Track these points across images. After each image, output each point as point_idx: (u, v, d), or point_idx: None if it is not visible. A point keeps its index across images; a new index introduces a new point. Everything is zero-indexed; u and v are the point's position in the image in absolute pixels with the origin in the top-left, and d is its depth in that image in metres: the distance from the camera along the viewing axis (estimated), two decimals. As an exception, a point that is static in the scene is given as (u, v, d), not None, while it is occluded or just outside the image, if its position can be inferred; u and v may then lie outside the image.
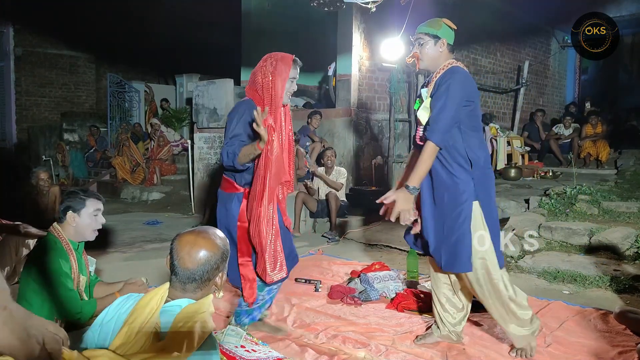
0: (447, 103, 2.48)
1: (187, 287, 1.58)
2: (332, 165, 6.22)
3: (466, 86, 2.57)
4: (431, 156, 2.51)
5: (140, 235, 6.22)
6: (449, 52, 2.67)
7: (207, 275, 1.59)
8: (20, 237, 4.02)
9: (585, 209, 5.49)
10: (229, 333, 2.48)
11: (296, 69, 2.70)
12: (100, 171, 10.92)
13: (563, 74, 13.17)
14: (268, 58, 2.69)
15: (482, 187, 2.59)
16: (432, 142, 2.48)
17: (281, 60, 2.65)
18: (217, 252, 1.60)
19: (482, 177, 2.60)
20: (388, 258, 4.99)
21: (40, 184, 5.70)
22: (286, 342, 2.98)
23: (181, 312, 1.49)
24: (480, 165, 2.59)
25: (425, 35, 2.66)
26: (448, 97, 2.49)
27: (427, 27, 2.66)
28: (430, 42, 2.64)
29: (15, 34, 12.59)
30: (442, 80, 2.56)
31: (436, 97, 2.53)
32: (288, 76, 2.65)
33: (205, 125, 7.82)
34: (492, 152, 8.75)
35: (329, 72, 8.48)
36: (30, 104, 13.05)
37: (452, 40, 2.68)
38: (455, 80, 2.52)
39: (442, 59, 2.66)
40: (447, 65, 2.63)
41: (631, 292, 3.87)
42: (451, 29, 2.67)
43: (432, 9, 8.12)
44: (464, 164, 2.56)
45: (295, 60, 2.69)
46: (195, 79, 11.56)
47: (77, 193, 2.59)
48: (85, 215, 2.55)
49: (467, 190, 2.55)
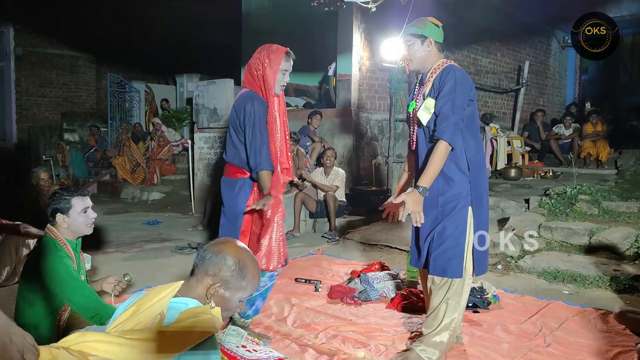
0: (456, 102, 2.45)
1: (194, 269, 1.61)
2: (331, 165, 6.22)
3: (467, 85, 2.55)
4: (443, 156, 2.45)
5: (140, 235, 6.22)
6: (438, 51, 2.64)
7: (207, 264, 1.59)
8: (20, 237, 4.03)
9: (586, 209, 5.49)
10: (230, 333, 2.49)
11: (289, 62, 2.78)
12: (101, 171, 10.93)
13: (563, 74, 13.17)
14: (262, 50, 2.81)
15: (476, 192, 2.57)
16: (445, 142, 2.42)
17: (274, 52, 2.76)
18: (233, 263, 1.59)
19: (476, 181, 2.57)
20: (388, 258, 4.99)
21: (41, 184, 5.70)
22: (286, 342, 2.98)
23: (187, 309, 1.50)
24: (476, 169, 2.58)
25: (412, 36, 2.64)
26: (456, 96, 2.45)
27: (412, 27, 2.64)
28: (417, 43, 2.62)
29: (16, 34, 12.60)
30: (444, 78, 2.51)
31: (443, 96, 2.48)
32: (279, 68, 2.74)
33: (205, 125, 7.82)
34: (493, 152, 8.76)
35: (329, 72, 8.48)
36: (31, 104, 13.06)
37: (441, 38, 2.65)
38: (459, 78, 2.49)
39: (431, 58, 2.63)
40: (441, 65, 2.60)
41: (631, 292, 3.87)
42: (437, 26, 2.64)
43: (432, 9, 8.12)
44: (462, 166, 2.53)
45: (288, 52, 2.77)
46: (195, 79, 11.57)
47: (61, 194, 2.52)
48: (74, 214, 2.50)
49: (462, 195, 2.53)
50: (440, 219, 2.56)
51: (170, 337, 1.41)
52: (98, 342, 1.41)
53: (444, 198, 2.55)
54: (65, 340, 1.43)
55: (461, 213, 2.52)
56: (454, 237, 2.52)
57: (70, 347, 1.39)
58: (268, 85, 2.74)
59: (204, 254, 1.61)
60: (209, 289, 1.58)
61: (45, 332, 2.37)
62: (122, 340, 1.43)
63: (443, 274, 2.56)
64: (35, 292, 2.40)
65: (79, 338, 1.43)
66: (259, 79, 2.76)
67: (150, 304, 1.54)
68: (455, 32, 8.97)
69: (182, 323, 1.45)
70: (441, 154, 2.45)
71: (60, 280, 2.35)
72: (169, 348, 1.40)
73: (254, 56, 2.81)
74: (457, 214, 2.52)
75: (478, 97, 9.95)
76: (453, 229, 2.53)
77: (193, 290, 1.59)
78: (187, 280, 1.63)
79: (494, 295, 3.67)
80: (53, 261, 2.39)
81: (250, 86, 2.82)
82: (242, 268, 1.60)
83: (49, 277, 2.37)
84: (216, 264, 1.59)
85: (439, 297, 2.60)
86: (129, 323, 1.51)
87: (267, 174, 2.70)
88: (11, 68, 12.66)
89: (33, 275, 2.42)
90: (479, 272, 2.65)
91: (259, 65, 2.75)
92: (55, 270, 2.37)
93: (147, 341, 1.41)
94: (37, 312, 2.39)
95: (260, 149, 2.69)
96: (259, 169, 2.69)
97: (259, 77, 2.75)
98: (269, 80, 2.74)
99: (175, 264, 4.75)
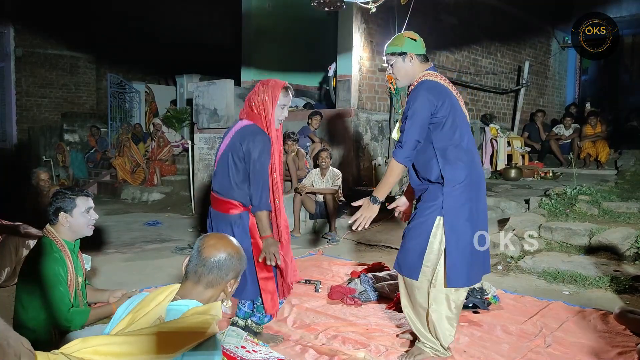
0: (410, 125, 2.57)
1: (201, 278, 1.60)
2: (326, 166, 6.21)
3: (432, 99, 2.57)
4: (394, 173, 2.64)
5: (140, 236, 6.22)
6: (420, 62, 2.70)
7: (221, 273, 1.60)
8: (20, 237, 4.03)
9: (586, 209, 5.49)
10: (229, 334, 2.49)
11: (287, 96, 2.80)
12: (101, 172, 10.93)
13: (563, 74, 13.16)
14: (261, 85, 2.81)
15: (451, 205, 2.56)
16: (394, 161, 2.61)
17: (273, 87, 2.76)
18: (238, 257, 1.65)
19: (455, 194, 2.56)
20: (388, 258, 4.98)
21: (41, 184, 5.70)
22: (286, 343, 2.98)
23: (188, 310, 1.50)
24: (457, 183, 2.57)
25: (392, 56, 2.72)
26: (412, 119, 2.57)
27: (390, 47, 2.73)
28: (399, 60, 2.70)
29: (16, 35, 12.59)
30: (410, 99, 2.64)
31: (403, 118, 2.65)
32: (277, 103, 2.76)
33: (205, 125, 7.82)
34: (493, 152, 8.76)
35: (329, 72, 8.47)
36: (31, 105, 13.05)
37: (421, 50, 2.71)
38: (418, 99, 2.58)
39: (416, 71, 2.70)
40: (419, 79, 2.67)
41: (631, 292, 3.87)
42: (415, 40, 2.70)
43: (433, 9, 8.13)
44: (435, 180, 2.62)
45: (286, 87, 2.79)
46: (195, 79, 11.55)
47: (65, 193, 2.52)
48: (78, 214, 2.49)
49: (433, 205, 2.61)
50: (411, 221, 2.73)
51: (172, 335, 1.41)
52: (99, 346, 1.41)
53: (420, 204, 2.72)
54: (67, 346, 1.42)
55: (429, 220, 2.61)
56: (417, 240, 2.64)
57: (72, 354, 1.39)
58: (268, 120, 2.76)
59: (208, 263, 1.60)
60: (225, 290, 1.64)
61: (43, 335, 2.35)
62: (122, 339, 1.42)
63: (399, 269, 2.74)
64: (32, 295, 2.37)
65: (80, 344, 1.42)
66: (260, 112, 2.77)
67: (147, 310, 1.53)
68: (455, 32, 9.00)
69: (184, 322, 1.45)
70: (392, 171, 2.64)
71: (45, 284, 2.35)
72: (170, 347, 1.39)
73: (253, 91, 2.82)
74: (424, 220, 2.63)
75: (478, 98, 9.97)
76: (417, 232, 2.65)
77: (198, 295, 1.59)
78: (184, 282, 1.63)
79: (494, 295, 3.66)
80: (45, 263, 2.38)
81: (250, 119, 2.81)
82: (241, 256, 1.68)
83: (42, 279, 2.36)
84: (232, 268, 1.63)
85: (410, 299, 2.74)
86: (127, 331, 1.51)
87: (267, 214, 2.73)
88: (11, 69, 12.65)
89: (29, 277, 2.41)
90: (453, 284, 2.58)
91: (258, 100, 2.76)
92: (46, 273, 2.36)
93: (149, 339, 1.40)
94: (34, 315, 2.37)
95: (264, 189, 2.72)
96: (261, 209, 2.71)
97: (259, 111, 2.77)
98: (268, 115, 2.76)
99: (176, 265, 4.75)
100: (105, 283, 4.03)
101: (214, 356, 1.46)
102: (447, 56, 9.03)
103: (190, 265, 1.63)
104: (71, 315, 2.38)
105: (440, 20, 8.63)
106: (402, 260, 2.72)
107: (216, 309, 1.53)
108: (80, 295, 2.56)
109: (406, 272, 2.69)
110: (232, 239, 1.70)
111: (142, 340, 1.40)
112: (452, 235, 2.56)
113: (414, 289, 2.69)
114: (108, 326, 1.63)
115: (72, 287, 2.48)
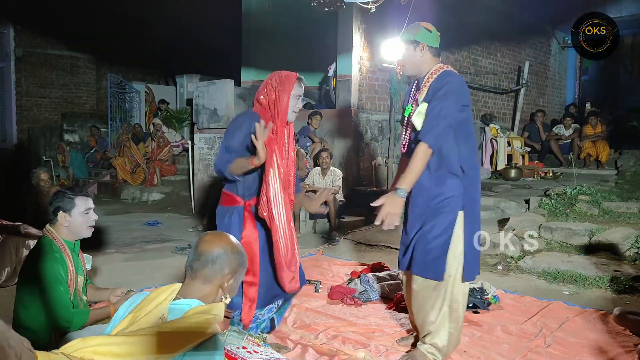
0: (445, 107, 2.46)
1: (197, 273, 1.60)
2: (327, 166, 6.21)
3: (462, 91, 2.56)
4: (423, 159, 2.46)
5: (140, 236, 6.22)
6: (432, 55, 2.65)
7: (216, 267, 1.61)
8: (20, 237, 4.03)
9: (586, 209, 5.49)
10: (230, 334, 2.49)
11: (300, 87, 2.69)
12: (101, 172, 10.92)
13: (563, 74, 13.17)
14: (273, 75, 2.70)
15: (468, 198, 2.56)
16: (425, 144, 2.44)
17: (286, 77, 2.65)
18: (233, 253, 1.66)
19: (470, 187, 2.57)
20: (388, 258, 4.98)
21: (41, 184, 5.70)
22: (286, 343, 2.98)
23: (190, 310, 1.50)
24: (470, 175, 2.57)
25: (405, 42, 2.68)
26: (447, 101, 2.47)
27: (405, 33, 2.68)
28: (410, 48, 2.65)
29: (16, 35, 12.59)
30: (439, 84, 2.53)
31: (435, 101, 2.50)
32: (292, 93, 2.64)
33: (205, 125, 7.82)
34: (493, 152, 8.75)
35: (329, 72, 8.47)
36: (31, 105, 13.05)
37: (435, 43, 2.66)
38: (453, 84, 2.51)
39: (426, 63, 2.65)
40: (438, 70, 2.62)
41: (631, 292, 3.87)
42: (430, 31, 2.65)
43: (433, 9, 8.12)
44: (455, 169, 2.53)
45: (299, 78, 2.68)
46: (195, 79, 11.56)
47: (65, 193, 2.51)
48: (77, 214, 2.48)
49: (454, 198, 2.52)
50: (430, 220, 2.56)
51: (172, 335, 1.41)
52: (99, 346, 1.41)
53: (435, 200, 2.55)
54: (66, 346, 1.42)
55: (450, 215, 2.52)
56: (440, 239, 2.52)
57: (71, 354, 1.39)
58: (281, 111, 2.61)
59: (203, 257, 1.61)
60: (222, 286, 1.64)
61: (43, 335, 2.35)
62: (122, 339, 1.42)
63: (424, 274, 2.56)
64: (32, 295, 2.37)
65: (80, 344, 1.42)
66: (271, 104, 2.63)
67: (148, 309, 1.54)
68: (455, 33, 8.98)
69: (185, 322, 1.45)
70: (421, 157, 2.46)
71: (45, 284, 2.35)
72: (171, 346, 1.39)
73: (264, 83, 2.69)
74: (446, 216, 2.52)
75: (478, 98, 9.97)
76: (440, 231, 2.52)
77: (197, 292, 1.60)
78: (184, 281, 1.64)
79: (494, 295, 3.66)
80: (45, 263, 2.38)
81: (256, 110, 2.70)
82: (240, 252, 1.69)
83: (42, 279, 2.36)
84: (226, 262, 1.63)
85: (424, 300, 2.60)
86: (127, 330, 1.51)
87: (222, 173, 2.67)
88: (11, 69, 12.66)
89: (29, 278, 2.41)
90: (468, 278, 2.60)
91: (271, 90, 2.63)
92: (46, 273, 2.36)
93: (149, 339, 1.40)
94: (34, 315, 2.37)
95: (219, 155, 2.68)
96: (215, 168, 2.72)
97: (270, 102, 2.63)
98: (282, 105, 2.60)
99: (176, 265, 4.74)
100: (106, 283, 4.03)
101: (215, 356, 1.46)
102: (447, 56, 9.03)
103: (187, 261, 1.65)
104: (71, 315, 2.39)
105: (440, 20, 8.62)
106: (423, 262, 2.54)
107: (218, 308, 1.53)
108: (80, 295, 2.56)
109: (431, 274, 2.53)
110: (231, 236, 1.71)
111: (142, 340, 1.40)
112: (471, 228, 2.56)
113: (429, 289, 2.56)
114: (109, 326, 1.63)
115: (72, 286, 2.48)
